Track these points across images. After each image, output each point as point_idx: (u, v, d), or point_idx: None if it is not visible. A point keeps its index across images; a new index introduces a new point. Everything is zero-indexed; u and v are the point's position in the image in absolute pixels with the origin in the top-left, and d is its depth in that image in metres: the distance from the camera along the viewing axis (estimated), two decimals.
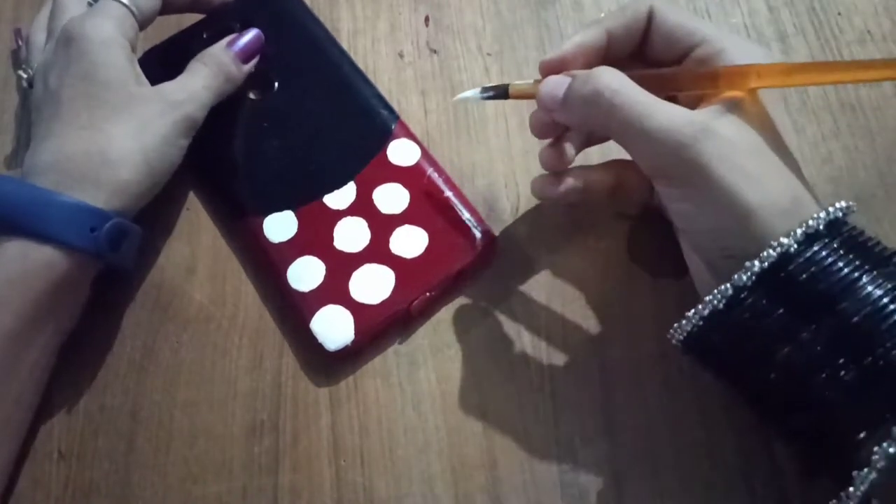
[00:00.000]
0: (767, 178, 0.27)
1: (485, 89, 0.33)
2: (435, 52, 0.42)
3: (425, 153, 0.38)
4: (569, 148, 0.33)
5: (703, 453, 0.32)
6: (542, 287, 0.36)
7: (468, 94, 0.33)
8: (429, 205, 0.37)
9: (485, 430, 0.33)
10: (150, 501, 0.32)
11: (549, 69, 0.31)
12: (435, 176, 0.37)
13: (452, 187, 0.37)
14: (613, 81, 0.29)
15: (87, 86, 0.33)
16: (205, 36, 0.39)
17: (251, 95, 0.39)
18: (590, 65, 0.31)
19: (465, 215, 0.36)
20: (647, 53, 0.32)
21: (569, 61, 0.31)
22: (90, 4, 0.36)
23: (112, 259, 0.32)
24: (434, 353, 0.35)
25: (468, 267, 0.35)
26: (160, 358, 0.35)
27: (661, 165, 0.29)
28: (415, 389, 0.34)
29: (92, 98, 0.32)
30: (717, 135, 0.27)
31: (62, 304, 0.32)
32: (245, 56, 0.38)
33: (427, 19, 0.43)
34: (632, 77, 0.29)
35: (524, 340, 0.35)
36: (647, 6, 0.31)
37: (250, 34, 0.38)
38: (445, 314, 0.35)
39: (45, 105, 0.33)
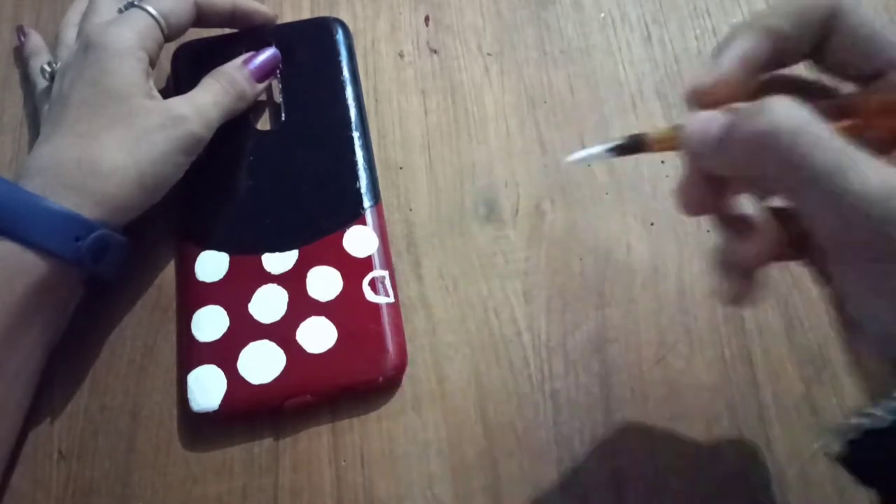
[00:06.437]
0: None
1: (610, 147, 0.25)
2: (435, 52, 0.42)
3: (385, 251, 0.35)
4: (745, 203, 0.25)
5: (704, 453, 0.32)
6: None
7: (585, 153, 0.25)
8: (356, 307, 0.34)
9: (485, 430, 0.33)
10: (150, 501, 0.32)
11: (703, 98, 0.24)
12: (380, 279, 0.34)
13: (392, 301, 0.34)
14: (794, 117, 0.21)
15: (94, 93, 0.32)
16: (243, 50, 0.38)
17: (251, 119, 0.38)
18: (742, 89, 0.24)
19: (388, 333, 0.33)
20: (818, 64, 0.25)
21: (728, 83, 0.24)
22: (120, 11, 0.35)
23: (94, 269, 0.32)
24: (434, 352, 0.35)
25: (363, 388, 0.33)
26: (160, 358, 0.35)
27: (856, 241, 0.20)
28: (415, 390, 0.34)
29: (96, 106, 0.32)
30: None
31: (46, 307, 0.31)
32: (260, 75, 0.37)
33: (427, 19, 0.43)
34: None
35: (524, 340, 0.35)
36: (828, 3, 0.23)
37: (267, 53, 0.38)
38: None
39: (54, 106, 0.33)
